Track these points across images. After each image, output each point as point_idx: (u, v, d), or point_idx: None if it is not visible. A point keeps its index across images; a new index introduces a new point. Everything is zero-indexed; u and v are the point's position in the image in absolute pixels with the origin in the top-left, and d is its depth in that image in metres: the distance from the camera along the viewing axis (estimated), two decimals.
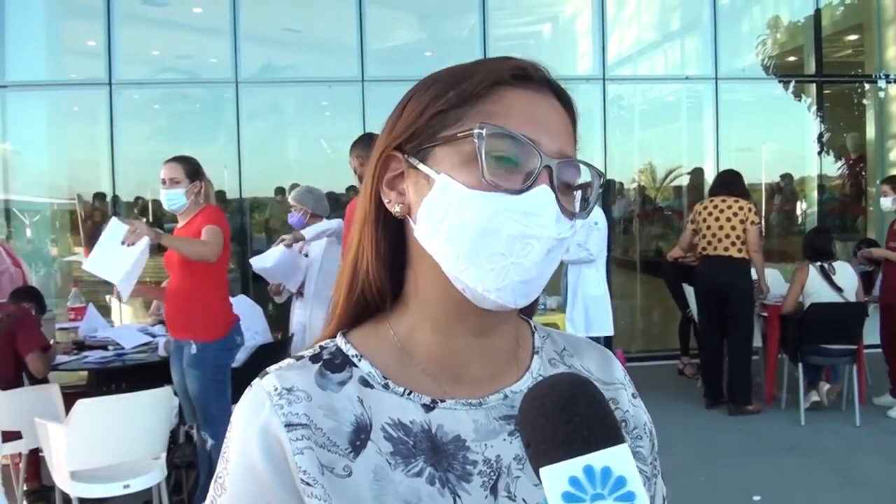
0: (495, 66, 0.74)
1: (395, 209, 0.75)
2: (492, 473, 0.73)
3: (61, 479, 3.30)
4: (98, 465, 3.29)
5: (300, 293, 4.99)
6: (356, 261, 0.78)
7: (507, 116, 0.71)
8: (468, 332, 0.75)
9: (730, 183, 5.77)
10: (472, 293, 0.71)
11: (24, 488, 3.92)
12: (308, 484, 0.69)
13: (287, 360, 0.77)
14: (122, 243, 3.55)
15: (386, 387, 0.75)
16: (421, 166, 0.73)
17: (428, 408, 0.75)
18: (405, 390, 0.75)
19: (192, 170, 3.77)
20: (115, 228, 3.65)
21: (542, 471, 0.55)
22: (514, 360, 0.80)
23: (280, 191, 7.87)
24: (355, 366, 0.76)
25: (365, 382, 0.75)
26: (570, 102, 0.77)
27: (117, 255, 3.60)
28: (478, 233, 0.69)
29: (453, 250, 0.70)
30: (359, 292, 0.78)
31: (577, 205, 0.74)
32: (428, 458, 0.72)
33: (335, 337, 0.79)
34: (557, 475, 0.54)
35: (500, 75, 0.72)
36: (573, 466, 0.54)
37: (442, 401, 0.75)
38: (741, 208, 5.56)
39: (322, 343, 0.79)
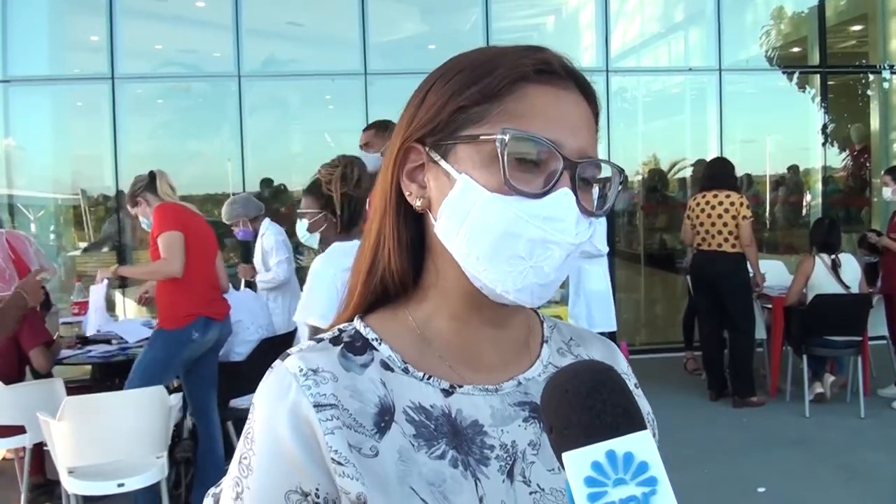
0: (518, 59, 0.72)
1: (416, 203, 0.76)
2: (508, 458, 0.75)
3: (61, 475, 3.26)
4: (91, 462, 3.21)
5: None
6: (377, 249, 0.79)
7: (530, 117, 0.70)
8: (484, 323, 0.77)
9: (718, 176, 5.76)
10: (489, 291, 0.72)
11: (29, 482, 3.93)
12: (339, 463, 0.70)
13: (307, 343, 0.78)
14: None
15: (406, 371, 0.76)
16: (442, 163, 0.73)
17: (447, 392, 0.76)
18: (424, 375, 0.76)
19: (142, 179, 3.88)
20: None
21: (564, 456, 0.55)
22: (525, 349, 0.82)
23: (267, 182, 7.68)
24: (375, 349, 0.77)
25: (385, 366, 0.76)
26: (593, 93, 0.77)
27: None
28: (498, 236, 0.70)
29: (473, 251, 0.71)
30: (377, 280, 0.79)
31: (595, 202, 0.75)
32: (449, 441, 0.73)
33: (352, 321, 0.80)
34: (580, 460, 0.54)
35: (522, 71, 0.72)
36: (596, 451, 0.54)
37: (460, 386, 0.76)
38: (732, 203, 5.56)
39: (340, 326, 0.79)
